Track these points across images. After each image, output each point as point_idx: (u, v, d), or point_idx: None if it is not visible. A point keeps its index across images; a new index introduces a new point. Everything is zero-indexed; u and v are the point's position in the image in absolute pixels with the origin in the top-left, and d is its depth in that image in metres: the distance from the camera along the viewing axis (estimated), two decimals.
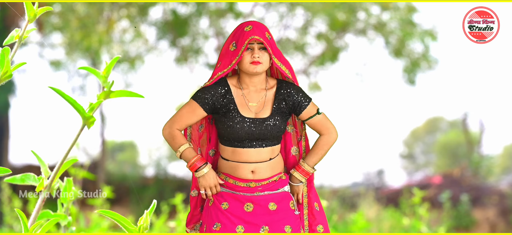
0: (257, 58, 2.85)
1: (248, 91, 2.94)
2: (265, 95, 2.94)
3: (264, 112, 2.92)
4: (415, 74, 15.14)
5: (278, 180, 2.96)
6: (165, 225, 7.03)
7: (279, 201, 2.93)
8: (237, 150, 2.91)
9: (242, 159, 2.91)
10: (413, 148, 28.14)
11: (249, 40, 2.85)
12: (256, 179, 2.92)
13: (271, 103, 2.93)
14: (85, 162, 6.02)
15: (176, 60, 15.69)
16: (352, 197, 15.36)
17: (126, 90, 2.10)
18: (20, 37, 2.06)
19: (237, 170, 2.92)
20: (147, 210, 2.08)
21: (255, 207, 2.90)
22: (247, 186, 2.92)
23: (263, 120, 2.90)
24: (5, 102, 13.42)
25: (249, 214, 2.88)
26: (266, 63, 2.89)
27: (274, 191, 2.94)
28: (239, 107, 2.90)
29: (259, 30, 2.89)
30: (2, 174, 2.06)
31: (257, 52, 2.86)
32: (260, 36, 2.87)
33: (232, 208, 2.89)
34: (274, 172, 2.95)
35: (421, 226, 6.87)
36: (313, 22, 14.92)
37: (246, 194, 2.91)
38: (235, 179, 2.92)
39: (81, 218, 4.92)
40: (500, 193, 15.13)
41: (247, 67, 2.87)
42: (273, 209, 2.91)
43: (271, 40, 2.92)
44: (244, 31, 2.89)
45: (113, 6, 13.94)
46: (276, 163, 2.96)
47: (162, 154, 24.22)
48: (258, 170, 2.92)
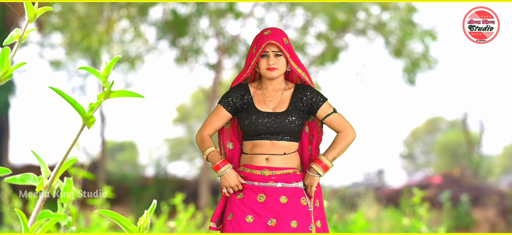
0: (272, 64, 3.07)
1: (267, 91, 3.16)
2: (282, 94, 3.15)
3: (281, 107, 3.11)
4: (415, 74, 15.15)
5: (292, 173, 3.08)
6: (165, 225, 7.03)
7: (291, 196, 3.04)
8: (256, 143, 3.10)
9: (258, 150, 3.09)
10: (413, 148, 28.15)
11: (266, 44, 3.07)
12: (270, 166, 3.06)
13: (288, 101, 3.13)
14: (85, 162, 6.02)
15: (176, 60, 15.70)
16: (352, 197, 15.37)
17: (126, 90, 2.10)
18: (20, 37, 2.06)
19: (253, 159, 3.10)
20: (147, 210, 2.08)
21: (267, 198, 3.03)
22: (261, 174, 3.06)
23: (280, 114, 3.08)
24: (5, 102, 13.42)
25: (260, 205, 3.02)
26: (282, 68, 3.10)
27: (287, 184, 3.06)
28: (257, 103, 3.13)
29: (277, 35, 3.10)
30: (2, 174, 2.06)
31: (272, 59, 3.07)
32: (276, 41, 3.08)
33: (246, 198, 3.06)
34: (289, 165, 3.09)
35: (421, 226, 6.87)
36: (313, 22, 14.92)
37: (260, 184, 3.06)
38: (251, 168, 3.09)
39: (81, 218, 4.92)
40: (500, 193, 15.14)
41: (264, 72, 3.10)
42: (284, 202, 3.03)
43: (288, 45, 3.13)
44: (263, 35, 3.11)
45: (113, 6, 13.94)
46: (291, 158, 3.10)
47: (162, 154, 24.24)
48: (272, 158, 3.07)
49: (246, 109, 3.14)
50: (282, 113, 3.10)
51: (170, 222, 6.46)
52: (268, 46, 3.09)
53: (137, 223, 2.08)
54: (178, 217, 6.37)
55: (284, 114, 3.09)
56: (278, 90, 3.16)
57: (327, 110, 3.13)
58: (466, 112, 20.30)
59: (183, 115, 25.97)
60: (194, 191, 15.91)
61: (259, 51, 3.08)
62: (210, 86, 16.34)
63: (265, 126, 3.08)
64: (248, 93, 3.17)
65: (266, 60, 3.09)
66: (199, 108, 24.77)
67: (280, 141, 3.09)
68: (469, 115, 20.27)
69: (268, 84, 3.16)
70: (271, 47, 3.08)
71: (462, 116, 20.53)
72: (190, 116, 25.74)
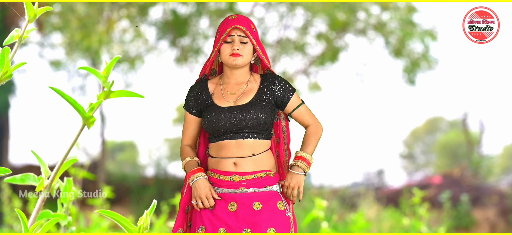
0: (236, 50, 2.78)
1: (228, 84, 2.85)
2: (246, 86, 2.84)
3: (243, 99, 2.80)
4: (415, 74, 15.14)
5: (265, 176, 2.76)
6: (165, 225, 7.02)
7: (265, 201, 2.73)
8: (220, 144, 2.78)
9: (223, 153, 2.77)
10: (413, 148, 28.15)
11: (232, 28, 2.78)
12: (239, 171, 2.74)
13: (253, 92, 2.82)
14: (85, 162, 6.02)
15: (176, 60, 15.69)
16: (352, 197, 15.36)
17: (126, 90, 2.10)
18: (20, 37, 2.06)
19: (220, 163, 2.78)
20: (147, 210, 2.08)
21: (238, 207, 2.72)
22: (230, 180, 2.75)
23: (242, 107, 2.77)
24: (5, 102, 13.42)
25: (232, 215, 2.71)
26: (248, 56, 2.81)
27: (260, 189, 2.75)
28: (216, 99, 2.83)
29: (244, 20, 2.82)
30: (2, 174, 2.06)
31: (237, 44, 2.78)
32: (243, 26, 2.80)
33: (216, 208, 2.73)
34: (260, 168, 2.77)
35: (421, 226, 6.86)
36: (313, 22, 14.92)
37: (230, 191, 2.74)
38: (219, 173, 2.77)
39: (81, 218, 4.92)
40: (500, 193, 15.13)
41: (227, 59, 2.79)
42: (258, 208, 2.72)
43: (255, 32, 2.84)
44: (229, 19, 2.83)
45: (113, 6, 13.94)
46: (261, 159, 2.78)
47: (162, 154, 24.24)
48: (239, 162, 2.75)
49: (205, 107, 2.84)
50: (245, 106, 2.76)
51: (170, 222, 6.45)
52: (233, 31, 2.80)
53: (137, 223, 2.08)
54: None
55: (246, 106, 2.76)
56: (241, 82, 2.84)
57: (296, 103, 2.84)
58: (466, 112, 20.30)
59: (183, 115, 25.93)
60: None
61: (223, 36, 2.78)
62: None
63: (226, 123, 2.75)
64: (206, 90, 2.86)
65: (230, 45, 2.78)
66: None
67: (246, 139, 2.75)
68: (469, 115, 20.27)
69: (230, 77, 2.84)
70: (237, 31, 2.79)
71: (462, 116, 20.53)
72: None
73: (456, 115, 27.02)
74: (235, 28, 2.79)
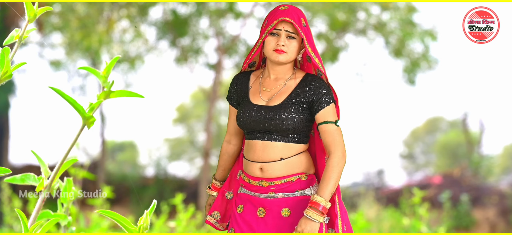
0: (281, 45, 2.53)
1: (267, 79, 2.64)
2: (284, 84, 2.59)
3: (276, 99, 2.57)
4: (415, 74, 15.14)
5: (295, 180, 2.56)
6: (165, 225, 7.03)
7: (295, 207, 2.54)
8: (249, 143, 2.63)
9: (251, 155, 2.60)
10: (413, 148, 28.13)
11: (279, 20, 2.53)
12: (266, 177, 2.57)
13: (289, 92, 2.57)
14: (85, 162, 6.01)
15: (176, 60, 15.69)
16: (352, 197, 15.37)
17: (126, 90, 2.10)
18: (20, 37, 2.06)
19: (248, 166, 2.63)
20: (147, 210, 2.08)
21: (267, 213, 2.57)
22: (259, 185, 2.60)
23: (272, 108, 2.55)
24: (5, 102, 13.42)
25: (260, 221, 2.58)
26: (293, 53, 2.56)
27: (291, 193, 2.56)
28: (252, 94, 2.63)
29: (294, 13, 2.54)
30: (2, 174, 2.06)
31: (284, 39, 2.53)
32: (292, 19, 2.52)
33: (245, 212, 2.62)
34: (290, 172, 2.56)
35: (421, 226, 6.86)
36: (313, 22, 14.91)
37: (260, 196, 2.60)
38: (249, 177, 2.63)
39: (81, 218, 4.91)
40: (500, 193, 15.13)
41: (270, 54, 2.56)
42: (286, 215, 2.55)
43: (306, 27, 2.57)
44: (278, 10, 2.57)
45: (113, 6, 13.93)
46: (292, 163, 2.56)
47: (162, 154, 24.23)
48: (266, 168, 2.56)
49: (242, 100, 2.67)
50: (275, 108, 2.54)
51: (170, 222, 6.45)
52: (281, 23, 2.54)
53: (137, 223, 2.08)
54: (178, 217, 6.37)
55: (276, 108, 2.54)
56: (281, 79, 2.60)
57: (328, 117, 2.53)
58: (466, 112, 20.30)
59: (183, 115, 25.96)
60: (194, 191, 15.91)
61: (269, 27, 2.53)
62: (210, 86, 16.33)
63: (254, 122, 2.56)
64: (247, 82, 2.67)
65: (276, 39, 2.54)
66: (199, 108, 24.75)
67: (274, 141, 2.54)
68: (469, 115, 20.27)
69: (271, 71, 2.61)
70: (285, 25, 2.53)
71: (462, 116, 20.53)
72: (190, 116, 25.72)
73: (456, 115, 27.01)
74: (283, 21, 2.54)
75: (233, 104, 2.73)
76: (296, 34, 2.55)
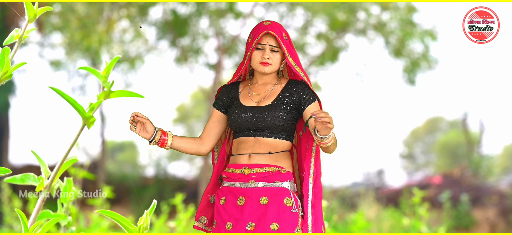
0: (266, 59, 2.87)
1: (255, 85, 2.97)
2: (272, 88, 2.93)
3: (266, 101, 2.90)
4: (415, 74, 15.14)
5: (275, 171, 2.81)
6: (165, 225, 7.03)
7: (272, 196, 2.78)
8: (240, 140, 2.90)
9: (241, 148, 2.88)
10: (413, 148, 28.14)
11: (264, 34, 2.87)
12: (250, 164, 2.82)
13: (276, 95, 2.90)
14: (85, 162, 6.02)
15: (176, 60, 15.69)
16: (352, 197, 15.37)
17: (126, 90, 2.10)
18: (20, 37, 2.06)
19: (237, 158, 2.89)
20: (147, 210, 2.09)
21: (246, 201, 2.79)
22: (241, 173, 2.83)
23: (263, 108, 2.86)
24: (5, 102, 13.43)
25: (240, 209, 2.79)
26: (276, 64, 2.90)
27: (269, 183, 2.80)
28: (242, 98, 2.95)
29: (277, 28, 2.89)
30: (2, 174, 2.06)
31: (268, 52, 2.88)
32: (275, 33, 2.87)
33: (227, 203, 2.84)
34: (273, 163, 2.83)
35: (421, 226, 6.87)
36: (313, 22, 14.92)
37: (241, 185, 2.82)
38: (233, 167, 2.87)
39: (81, 218, 4.92)
40: (500, 193, 15.13)
41: (257, 66, 2.90)
42: (264, 203, 2.77)
43: (287, 40, 2.91)
44: (262, 25, 2.92)
45: (113, 6, 13.94)
46: (277, 157, 2.84)
47: (162, 154, 24.22)
48: (254, 156, 2.83)
49: (232, 105, 2.96)
50: (266, 107, 2.86)
51: (170, 222, 6.45)
52: (265, 37, 2.88)
53: (137, 223, 2.08)
54: (178, 217, 6.37)
55: (267, 108, 2.85)
56: (268, 84, 2.95)
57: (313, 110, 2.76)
58: (466, 112, 20.31)
59: (183, 115, 25.98)
60: (194, 191, 15.91)
61: (255, 41, 2.86)
62: (210, 86, 16.34)
63: (248, 121, 2.85)
64: (236, 89, 2.99)
65: (261, 53, 2.87)
66: (199, 108, 24.77)
67: (265, 137, 2.84)
68: (469, 115, 20.28)
69: (258, 79, 2.95)
70: (269, 39, 2.87)
71: (462, 116, 20.54)
72: (190, 116, 25.74)
73: (456, 115, 27.04)
74: (268, 34, 2.88)
75: (218, 108, 3.02)
76: (278, 47, 2.90)
